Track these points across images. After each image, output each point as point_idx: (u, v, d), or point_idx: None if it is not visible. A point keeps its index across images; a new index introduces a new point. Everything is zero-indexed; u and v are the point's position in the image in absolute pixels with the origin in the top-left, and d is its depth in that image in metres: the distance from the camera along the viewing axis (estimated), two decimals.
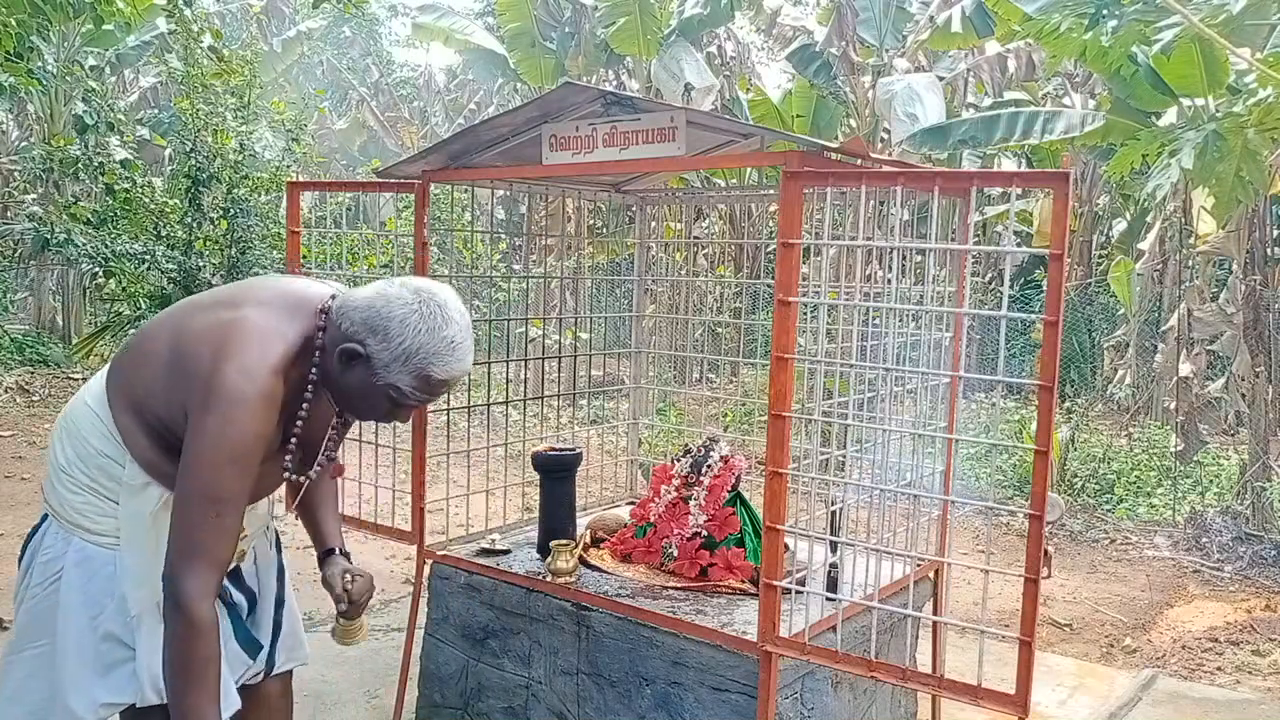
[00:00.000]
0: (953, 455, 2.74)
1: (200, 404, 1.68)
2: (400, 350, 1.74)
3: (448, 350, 1.77)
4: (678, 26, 10.49)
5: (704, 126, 2.82)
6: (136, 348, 1.89)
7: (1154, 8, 4.81)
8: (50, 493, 1.92)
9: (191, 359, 1.73)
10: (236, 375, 1.68)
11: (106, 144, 10.83)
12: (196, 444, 1.68)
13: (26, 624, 1.91)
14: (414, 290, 1.78)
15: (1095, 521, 6.72)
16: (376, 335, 1.75)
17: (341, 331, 1.78)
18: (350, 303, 1.80)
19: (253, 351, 1.72)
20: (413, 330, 1.74)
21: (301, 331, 1.80)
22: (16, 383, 8.83)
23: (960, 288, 2.64)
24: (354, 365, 1.77)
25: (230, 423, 1.67)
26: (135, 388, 1.83)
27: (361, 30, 21.90)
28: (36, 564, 1.91)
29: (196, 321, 1.80)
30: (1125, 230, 10.87)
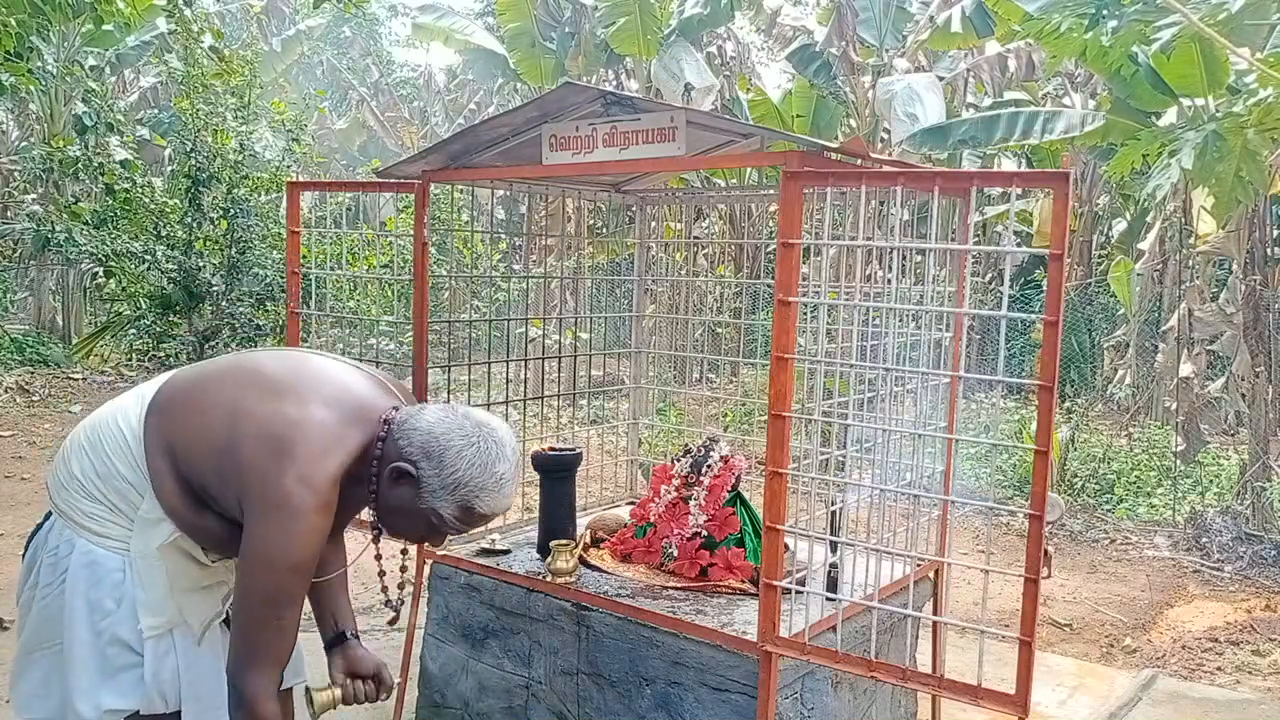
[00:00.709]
0: (953, 455, 2.74)
1: (259, 508, 1.71)
2: (451, 479, 1.79)
3: (495, 486, 1.83)
4: (678, 26, 10.49)
5: (704, 126, 2.82)
6: (187, 402, 1.87)
7: (1154, 7, 4.81)
8: (58, 494, 1.92)
9: (251, 453, 1.73)
10: (297, 485, 1.70)
11: (106, 144, 10.83)
12: (256, 550, 1.71)
13: (38, 624, 1.92)
14: (475, 423, 1.83)
15: (1095, 521, 6.72)
16: (431, 460, 1.79)
17: (398, 447, 1.81)
18: (411, 422, 1.83)
19: (314, 460, 1.73)
20: (466, 462, 1.79)
21: (361, 440, 1.82)
22: (16, 383, 8.83)
23: (960, 288, 2.64)
24: (402, 484, 1.81)
25: (289, 534, 1.70)
26: (178, 443, 1.84)
27: (361, 30, 21.90)
28: (43, 563, 1.91)
29: (260, 410, 1.78)
30: (1125, 230, 10.87)
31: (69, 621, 1.85)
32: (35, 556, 1.95)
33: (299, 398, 1.81)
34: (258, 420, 1.76)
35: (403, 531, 1.92)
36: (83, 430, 1.95)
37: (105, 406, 1.98)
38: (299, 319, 3.30)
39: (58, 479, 1.93)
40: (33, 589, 1.93)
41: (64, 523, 1.90)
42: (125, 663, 1.87)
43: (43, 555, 1.92)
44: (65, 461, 1.93)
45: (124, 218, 10.40)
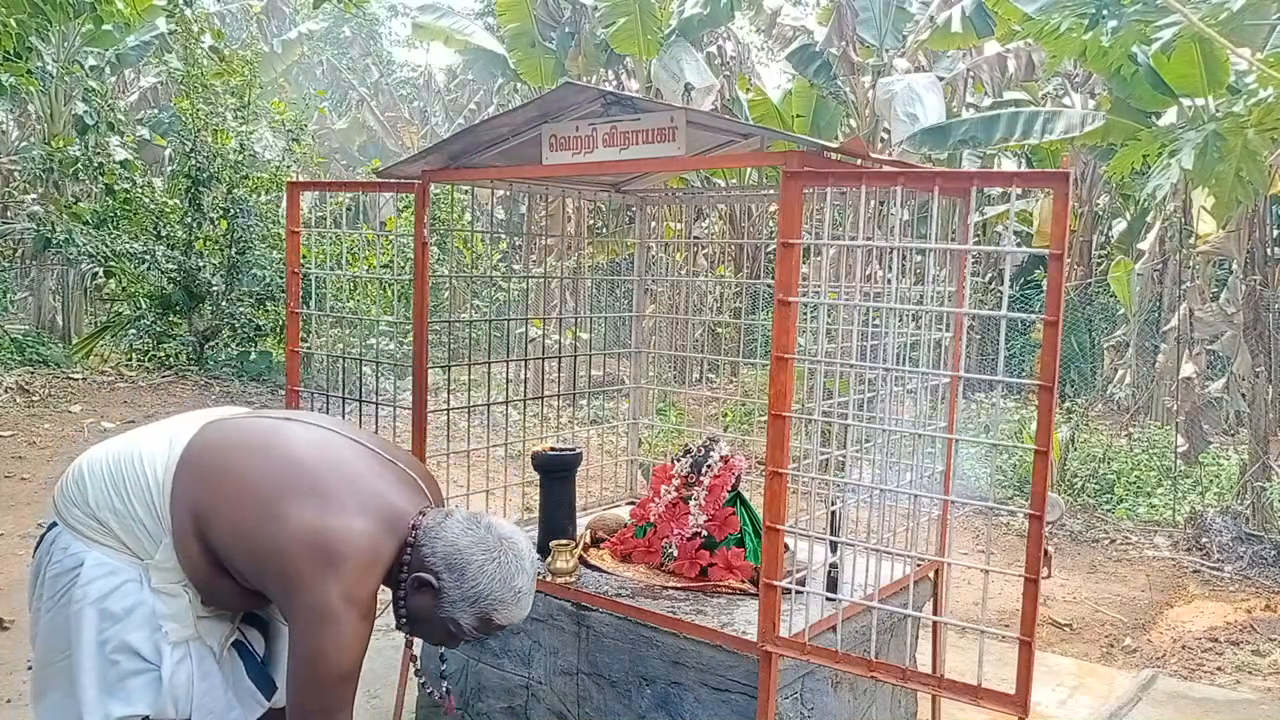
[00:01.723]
0: (953, 455, 2.74)
1: (306, 619, 1.76)
2: (472, 592, 1.87)
3: (513, 600, 1.91)
4: (678, 26, 10.49)
5: (704, 126, 2.82)
6: (220, 473, 1.86)
7: (1154, 8, 4.81)
8: (67, 509, 1.91)
9: (295, 562, 1.76)
10: (343, 602, 1.75)
11: (106, 144, 10.83)
12: (306, 664, 1.77)
13: (48, 637, 1.91)
14: (497, 537, 1.91)
15: (1095, 521, 6.72)
16: (453, 573, 1.87)
17: (422, 555, 1.88)
18: (436, 531, 1.89)
19: (360, 575, 1.79)
20: (487, 577, 1.87)
21: (395, 549, 1.88)
22: (16, 383, 8.82)
23: (960, 288, 2.64)
24: (423, 592, 1.89)
25: (338, 647, 1.76)
26: (209, 513, 1.85)
27: (361, 30, 21.91)
28: (47, 577, 1.91)
29: (302, 516, 1.79)
30: (1125, 230, 10.87)
31: (75, 630, 1.85)
32: (40, 568, 1.94)
33: (340, 506, 1.82)
34: (300, 528, 1.78)
35: (421, 634, 2.00)
36: (104, 458, 1.92)
37: (130, 438, 1.97)
38: (299, 319, 3.30)
39: (69, 496, 1.92)
40: (39, 601, 1.93)
41: (71, 535, 1.89)
42: (133, 669, 1.87)
43: (47, 568, 1.91)
44: (79, 483, 1.91)
45: (124, 218, 10.40)
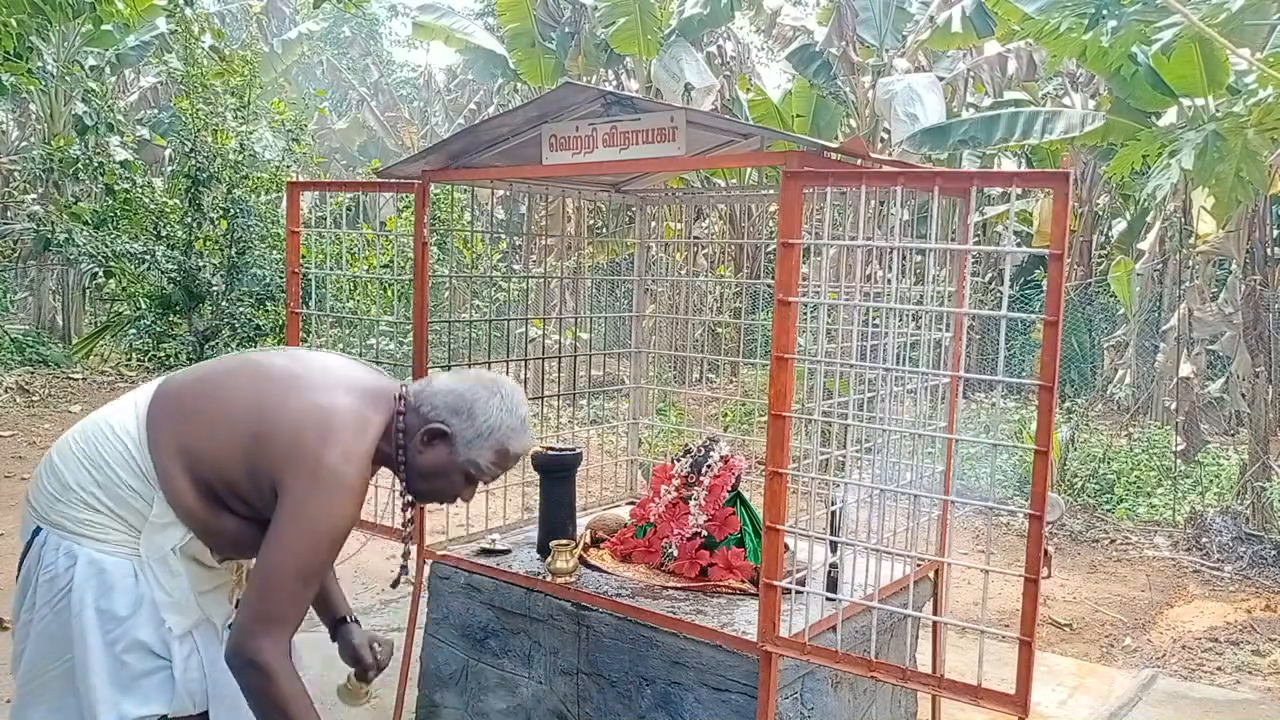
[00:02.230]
0: (953, 455, 2.74)
1: (306, 484, 1.77)
2: (485, 427, 1.92)
3: (521, 427, 1.97)
4: (678, 26, 10.49)
5: (704, 126, 2.82)
6: (198, 403, 1.88)
7: (1154, 8, 4.81)
8: (49, 507, 1.87)
9: (293, 438, 1.79)
10: (340, 461, 1.78)
11: (106, 144, 10.83)
12: (297, 522, 1.76)
13: (42, 645, 1.86)
14: (489, 377, 1.99)
15: (1095, 521, 6.72)
16: (460, 416, 1.92)
17: (421, 415, 1.92)
18: (428, 391, 1.95)
19: (353, 439, 1.82)
20: (496, 409, 1.93)
21: (383, 421, 1.91)
22: (16, 383, 8.82)
23: (960, 288, 2.64)
24: (436, 444, 1.92)
25: (334, 506, 1.78)
26: (194, 446, 1.84)
27: (361, 30, 21.91)
28: (40, 584, 1.86)
29: (290, 400, 1.84)
30: (1125, 230, 10.87)
31: (79, 635, 1.81)
32: (29, 578, 1.88)
33: (323, 387, 1.88)
34: (292, 409, 1.82)
35: (437, 492, 2.00)
36: (71, 442, 1.91)
37: (91, 419, 1.94)
38: (299, 319, 3.30)
39: (47, 492, 1.88)
40: (30, 611, 1.87)
41: (59, 536, 1.85)
42: (146, 668, 1.85)
43: (38, 574, 1.86)
44: (55, 474, 1.88)
45: (124, 218, 10.40)
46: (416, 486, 1.99)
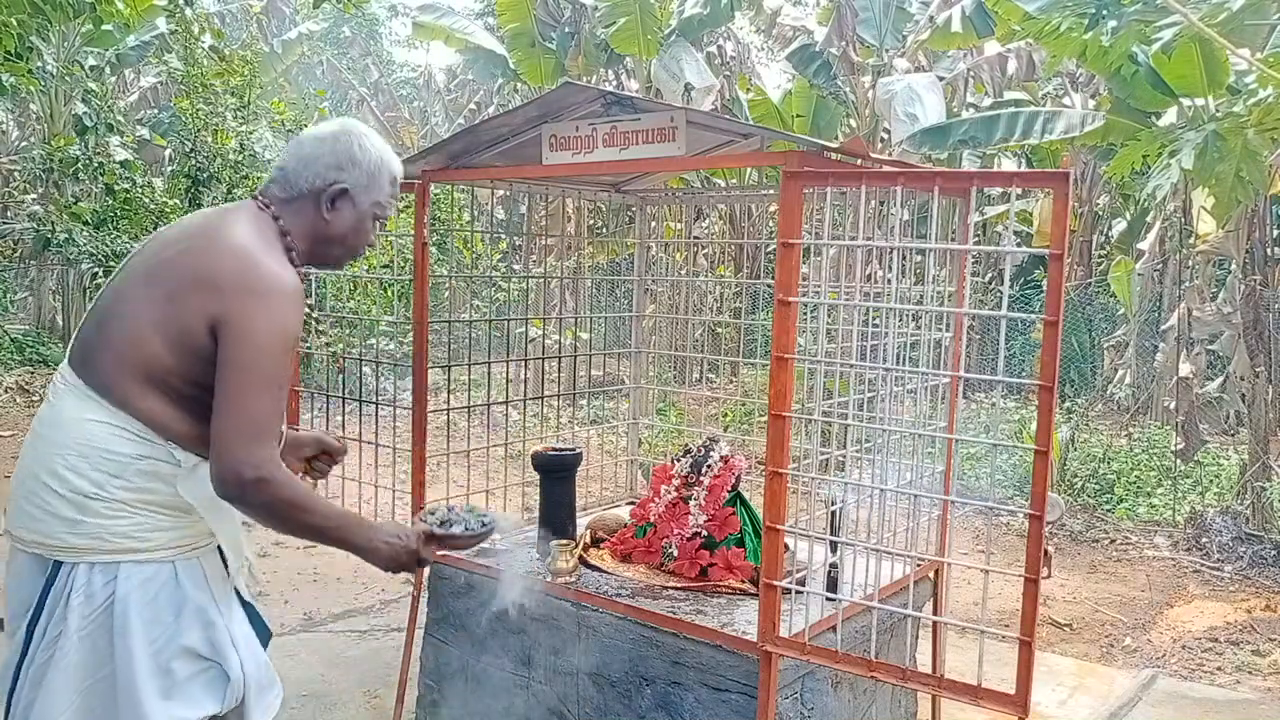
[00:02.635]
0: (953, 455, 2.74)
1: (250, 301, 1.72)
2: (373, 166, 1.95)
3: (391, 151, 2.02)
4: (678, 26, 10.49)
5: (704, 126, 2.82)
6: (120, 338, 1.76)
7: (1154, 7, 4.81)
8: (71, 531, 1.73)
9: (216, 275, 1.74)
10: (275, 269, 1.78)
11: (106, 144, 10.82)
12: (251, 337, 1.71)
13: (68, 674, 1.73)
14: (338, 129, 1.97)
15: (1095, 521, 6.72)
16: (344, 168, 1.92)
17: (302, 194, 1.91)
18: (293, 170, 1.92)
19: (271, 252, 1.82)
20: (369, 147, 1.95)
21: (274, 232, 1.89)
22: (16, 383, 8.82)
23: (960, 288, 2.64)
24: (339, 204, 1.93)
25: (281, 311, 1.75)
26: (153, 366, 1.74)
27: (361, 30, 21.91)
28: (72, 613, 1.73)
29: (193, 251, 1.79)
30: (1125, 230, 10.87)
31: (122, 648, 1.73)
32: (52, 616, 1.74)
33: (219, 230, 1.82)
34: (210, 256, 1.77)
35: (353, 249, 2.01)
36: (56, 454, 1.75)
37: (43, 438, 1.79)
38: None
39: (60, 516, 1.73)
40: (50, 646, 1.74)
41: (91, 560, 1.74)
42: (193, 670, 1.80)
43: (65, 607, 1.73)
44: (60, 491, 1.73)
45: (124, 218, 10.39)
46: (331, 253, 1.99)
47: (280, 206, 1.92)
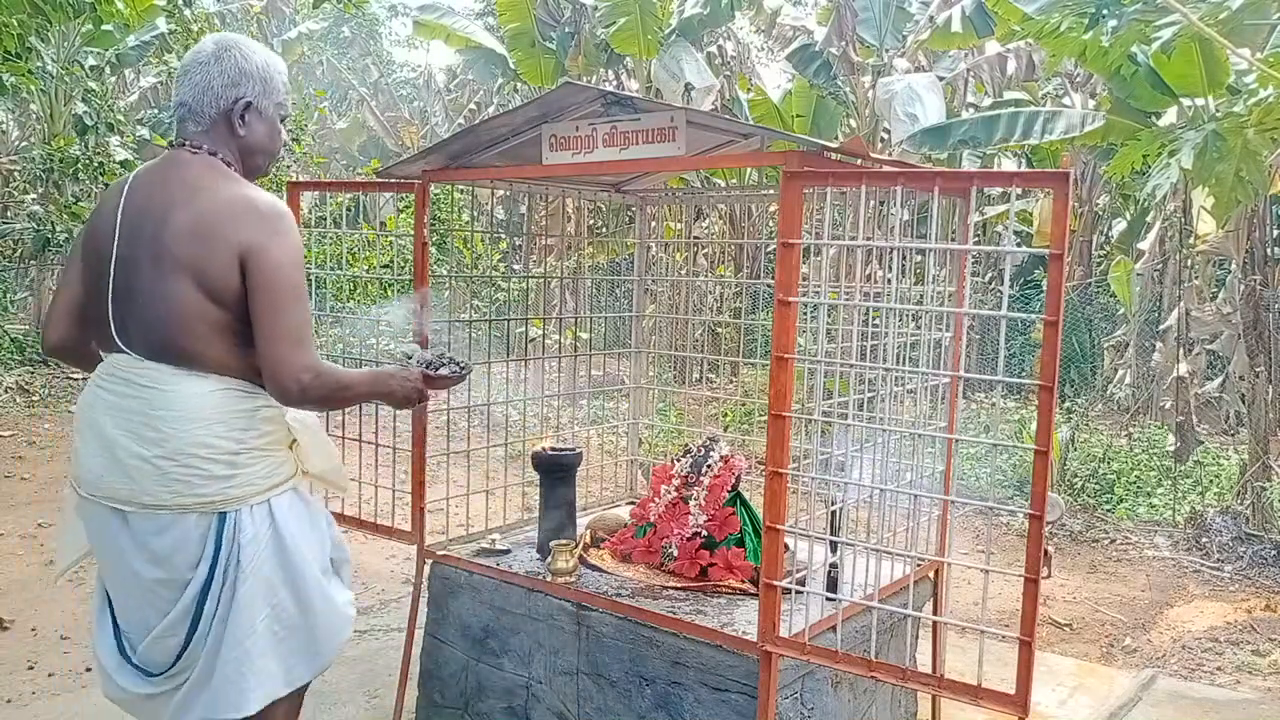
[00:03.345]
0: (953, 455, 2.74)
1: (270, 230, 1.93)
2: (266, 73, 2.07)
3: (270, 51, 2.15)
4: (678, 26, 10.49)
5: (704, 126, 2.82)
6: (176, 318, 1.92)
7: (1154, 7, 4.80)
8: (229, 485, 1.95)
9: (225, 226, 1.92)
10: (266, 197, 1.98)
11: (107, 144, 10.82)
12: (282, 258, 1.93)
13: (256, 588, 1.97)
14: (215, 43, 2.07)
15: (1095, 521, 6.71)
16: (239, 84, 2.04)
17: (213, 119, 2.04)
18: (194, 101, 2.04)
19: (246, 186, 2.02)
20: (252, 56, 2.07)
21: (223, 168, 2.05)
22: (16, 383, 8.82)
23: (960, 288, 2.64)
24: (249, 118, 2.07)
25: (288, 229, 1.97)
26: (223, 327, 1.94)
27: (361, 30, 21.90)
28: (244, 549, 1.96)
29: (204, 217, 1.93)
30: (1125, 230, 10.87)
31: (296, 562, 2.03)
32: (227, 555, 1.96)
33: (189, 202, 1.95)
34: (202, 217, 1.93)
35: (271, 152, 2.16)
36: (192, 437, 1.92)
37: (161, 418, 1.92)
38: None
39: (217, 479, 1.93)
40: (234, 574, 1.96)
41: (247, 506, 1.97)
42: (337, 559, 2.22)
43: (236, 550, 1.96)
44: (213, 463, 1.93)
45: None
46: (257, 163, 2.14)
47: (201, 139, 2.05)
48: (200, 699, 1.98)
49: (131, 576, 2.00)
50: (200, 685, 1.98)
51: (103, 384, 1.99)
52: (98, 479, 1.96)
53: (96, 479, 1.97)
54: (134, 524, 1.95)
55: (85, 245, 2.07)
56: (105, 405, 1.96)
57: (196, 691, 1.99)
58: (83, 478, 2.00)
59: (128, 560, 1.99)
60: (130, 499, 1.94)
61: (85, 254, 2.06)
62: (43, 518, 5.55)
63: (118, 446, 1.93)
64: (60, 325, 2.13)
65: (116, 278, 1.97)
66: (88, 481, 1.99)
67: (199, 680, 1.98)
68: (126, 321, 1.96)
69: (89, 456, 1.98)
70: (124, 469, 1.92)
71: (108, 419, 1.95)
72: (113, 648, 2.08)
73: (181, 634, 1.98)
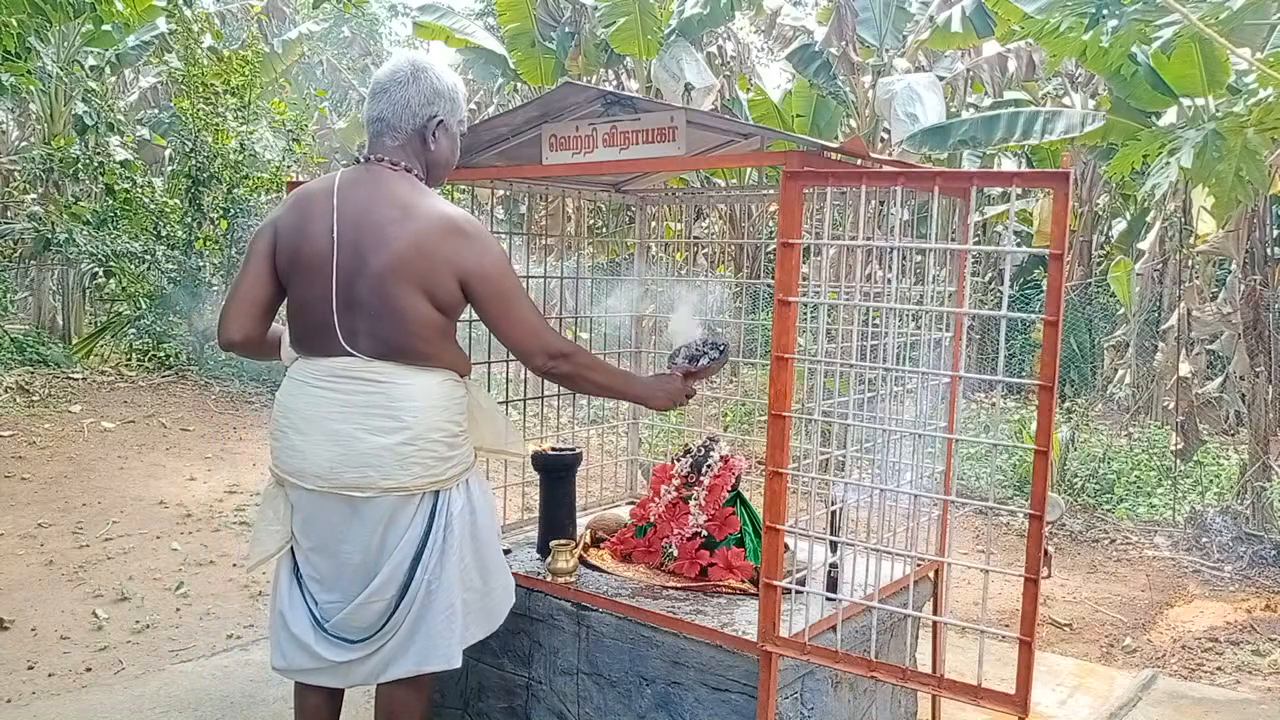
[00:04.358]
0: (953, 455, 2.74)
1: (479, 253, 2.14)
2: (452, 93, 2.27)
3: (454, 73, 2.32)
4: (678, 26, 10.48)
5: (704, 126, 2.82)
6: (400, 323, 2.12)
7: (1154, 7, 4.80)
8: (446, 466, 2.20)
9: (447, 234, 2.12)
10: (463, 215, 2.18)
11: (106, 144, 10.82)
12: (499, 265, 2.17)
13: (459, 555, 2.23)
14: (412, 64, 2.24)
15: (1095, 521, 6.71)
16: (433, 102, 2.23)
17: (409, 134, 2.23)
18: (393, 116, 2.21)
19: (446, 203, 2.22)
20: (448, 77, 2.27)
21: (422, 185, 2.25)
22: (16, 383, 8.82)
23: (960, 288, 2.64)
24: (439, 134, 2.26)
25: (491, 241, 2.20)
26: (438, 328, 2.17)
27: (361, 30, 21.90)
28: (454, 520, 2.21)
29: (426, 236, 2.11)
30: (1125, 230, 10.87)
31: (485, 535, 2.31)
32: (440, 529, 2.20)
33: (407, 220, 2.13)
34: (426, 231, 2.12)
35: (451, 165, 2.36)
36: (430, 422, 2.16)
37: (403, 411, 2.15)
38: None
39: (441, 460, 2.18)
40: (445, 544, 2.20)
41: (457, 485, 2.24)
42: None
43: (445, 526, 2.20)
44: (443, 445, 2.18)
45: (124, 218, 10.39)
46: (439, 175, 2.34)
47: (394, 154, 2.22)
48: (410, 654, 2.21)
49: (345, 553, 2.20)
50: (407, 641, 2.21)
51: (326, 384, 2.16)
52: (329, 471, 2.14)
53: (329, 471, 2.14)
54: (362, 507, 2.15)
55: (289, 252, 2.20)
56: (335, 403, 2.14)
57: (403, 648, 2.21)
58: (310, 471, 2.16)
59: (346, 539, 2.19)
60: (366, 485, 2.13)
61: (291, 260, 2.20)
62: (43, 518, 5.55)
63: (355, 439, 2.12)
64: (244, 322, 2.26)
65: (339, 289, 2.13)
66: (317, 475, 2.16)
67: (406, 637, 2.20)
68: (356, 328, 2.14)
69: (317, 451, 2.15)
70: (362, 458, 2.12)
71: (338, 414, 2.14)
72: (309, 622, 2.25)
73: (389, 597, 2.18)
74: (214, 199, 10.16)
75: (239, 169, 10.06)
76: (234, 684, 3.56)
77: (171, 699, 3.43)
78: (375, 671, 2.25)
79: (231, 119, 10.17)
